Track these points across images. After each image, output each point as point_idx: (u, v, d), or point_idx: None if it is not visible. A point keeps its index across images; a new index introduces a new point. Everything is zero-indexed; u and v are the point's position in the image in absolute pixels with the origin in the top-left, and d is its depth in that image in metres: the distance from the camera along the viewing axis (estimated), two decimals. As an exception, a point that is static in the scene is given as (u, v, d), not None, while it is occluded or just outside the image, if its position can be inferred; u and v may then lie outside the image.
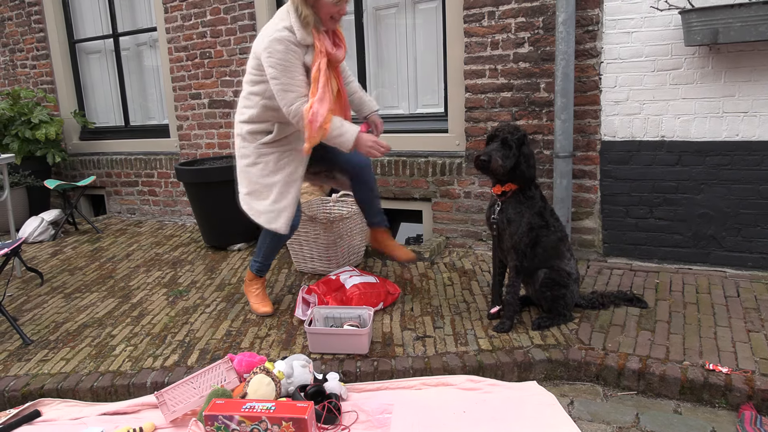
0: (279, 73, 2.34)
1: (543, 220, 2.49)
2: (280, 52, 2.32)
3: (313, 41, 2.38)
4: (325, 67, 2.39)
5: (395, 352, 2.43)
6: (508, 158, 2.42)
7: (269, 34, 2.36)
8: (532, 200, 2.49)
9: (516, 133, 2.44)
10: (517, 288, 2.55)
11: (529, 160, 2.44)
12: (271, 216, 2.56)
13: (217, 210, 3.97)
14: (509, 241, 2.50)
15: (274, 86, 2.37)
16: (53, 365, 2.55)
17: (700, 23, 2.72)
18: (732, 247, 3.06)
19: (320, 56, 2.37)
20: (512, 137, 2.43)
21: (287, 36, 2.33)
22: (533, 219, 2.47)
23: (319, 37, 2.39)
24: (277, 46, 2.32)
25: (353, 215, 3.45)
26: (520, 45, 3.34)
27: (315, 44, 2.38)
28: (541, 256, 2.53)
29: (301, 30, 2.34)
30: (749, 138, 2.93)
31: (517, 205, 2.48)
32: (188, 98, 4.71)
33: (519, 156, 2.43)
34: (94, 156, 5.37)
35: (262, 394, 2.03)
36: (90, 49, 5.43)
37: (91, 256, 4.15)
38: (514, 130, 2.45)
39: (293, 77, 2.35)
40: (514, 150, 2.42)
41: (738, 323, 2.49)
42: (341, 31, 2.57)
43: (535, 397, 2.14)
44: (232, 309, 3.01)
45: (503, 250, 2.60)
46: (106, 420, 2.13)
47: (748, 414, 1.98)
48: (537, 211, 2.48)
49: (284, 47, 2.32)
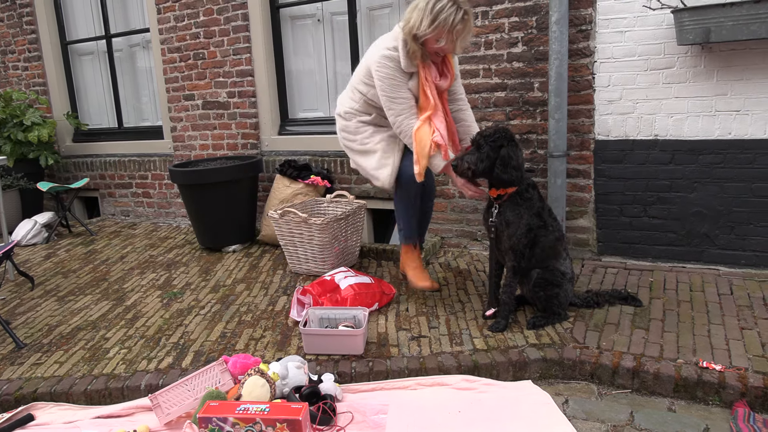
0: (387, 86, 2.52)
1: (541, 220, 2.50)
2: (389, 68, 2.50)
3: (417, 70, 2.52)
4: (436, 95, 2.54)
5: (390, 353, 2.42)
6: (481, 161, 2.40)
7: (381, 48, 2.52)
8: (529, 201, 2.48)
9: (492, 135, 2.41)
10: (513, 288, 2.55)
11: (505, 162, 2.39)
12: (376, 171, 2.68)
13: (211, 211, 3.96)
14: (507, 242, 2.50)
15: (381, 96, 2.54)
16: (46, 368, 2.53)
17: (692, 22, 2.74)
18: (725, 245, 3.07)
19: (427, 84, 2.52)
20: (486, 140, 2.41)
21: (396, 56, 2.49)
22: (532, 220, 2.47)
23: (423, 67, 2.51)
24: (388, 63, 2.50)
25: (348, 216, 3.45)
26: (513, 45, 3.34)
27: (419, 73, 2.52)
28: (539, 256, 2.53)
29: (406, 59, 2.49)
30: (741, 136, 2.95)
31: (515, 207, 2.48)
32: (182, 99, 4.69)
33: (496, 158, 2.40)
34: (88, 158, 5.34)
35: (257, 395, 2.02)
36: (82, 51, 5.41)
37: (84, 258, 4.13)
38: (491, 133, 2.42)
39: (399, 92, 2.54)
40: (487, 152, 2.40)
41: (731, 321, 2.50)
42: (452, 59, 2.63)
43: (530, 397, 2.14)
44: (226, 311, 3.00)
45: (501, 251, 2.60)
46: (100, 423, 2.13)
47: (741, 411, 1.99)
48: (535, 212, 2.48)
49: (394, 65, 2.50)
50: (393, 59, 2.49)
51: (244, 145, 4.50)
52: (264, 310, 2.97)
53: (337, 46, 4.22)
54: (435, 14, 2.35)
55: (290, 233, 3.43)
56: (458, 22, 2.36)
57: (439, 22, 2.35)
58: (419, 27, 2.38)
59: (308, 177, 3.93)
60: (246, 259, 3.86)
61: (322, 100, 4.37)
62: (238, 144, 4.53)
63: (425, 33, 2.39)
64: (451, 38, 2.41)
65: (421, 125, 2.53)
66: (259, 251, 4.04)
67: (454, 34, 2.40)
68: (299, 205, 3.67)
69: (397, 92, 2.52)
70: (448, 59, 2.62)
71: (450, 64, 2.63)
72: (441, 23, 2.35)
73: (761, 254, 3.00)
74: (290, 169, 3.99)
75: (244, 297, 3.18)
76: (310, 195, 3.91)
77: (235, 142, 4.54)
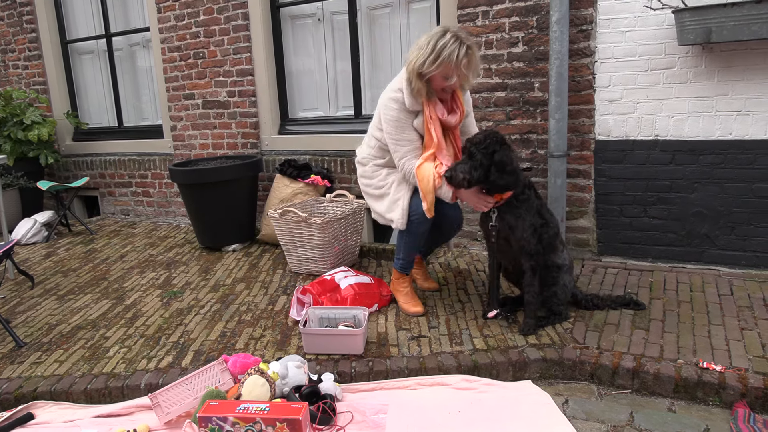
0: (392, 128, 2.56)
1: (542, 218, 2.50)
2: (394, 110, 2.54)
3: (422, 108, 2.52)
4: (440, 133, 2.53)
5: (390, 353, 2.42)
6: (476, 169, 2.36)
7: (388, 92, 2.57)
8: (527, 202, 2.47)
9: (483, 142, 2.38)
10: (536, 287, 2.52)
11: (501, 167, 2.36)
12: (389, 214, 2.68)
13: (211, 211, 3.96)
14: (516, 245, 2.49)
15: (387, 139, 2.60)
16: (46, 367, 2.53)
17: (693, 22, 2.73)
18: (725, 246, 3.07)
19: (431, 122, 2.52)
20: (478, 147, 2.37)
21: (400, 97, 2.53)
22: (534, 220, 2.46)
23: (428, 104, 2.52)
24: (392, 105, 2.54)
25: (347, 215, 3.45)
26: (514, 44, 3.34)
27: (424, 111, 2.52)
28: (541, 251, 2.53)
29: (410, 98, 2.51)
30: (742, 137, 2.94)
31: (514, 209, 2.46)
32: (182, 99, 4.69)
33: (490, 165, 2.37)
34: (88, 157, 5.34)
35: (257, 395, 2.02)
36: (83, 50, 5.40)
37: (84, 257, 4.13)
38: (481, 139, 2.39)
39: (403, 134, 2.56)
40: (480, 160, 2.36)
41: (731, 321, 2.50)
42: (461, 95, 2.62)
43: (530, 397, 2.14)
44: (226, 310, 3.00)
45: (505, 254, 2.60)
46: (100, 422, 2.13)
47: (741, 412, 1.98)
48: (536, 212, 2.48)
49: (398, 106, 2.53)
50: (398, 101, 2.53)
51: (244, 145, 4.50)
52: (264, 310, 2.97)
53: (337, 45, 4.21)
54: (438, 51, 2.36)
55: (290, 233, 3.43)
56: (463, 56, 2.37)
57: (443, 59, 2.36)
58: (423, 65, 2.40)
59: (308, 176, 3.93)
60: (246, 259, 3.86)
61: (322, 100, 4.37)
62: (238, 143, 4.53)
63: (430, 70, 2.40)
64: (459, 73, 2.42)
65: (422, 162, 2.54)
66: (259, 251, 4.04)
67: (461, 69, 2.40)
68: (299, 204, 3.66)
69: (401, 134, 2.56)
70: (457, 95, 2.61)
71: (459, 99, 2.62)
72: (445, 59, 2.36)
73: (761, 255, 3.00)
74: (290, 169, 3.98)
75: (243, 296, 3.18)
76: (310, 194, 3.91)
77: (235, 141, 4.53)
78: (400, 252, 2.79)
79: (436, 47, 2.36)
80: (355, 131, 4.08)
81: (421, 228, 2.65)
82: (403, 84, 2.52)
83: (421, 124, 2.56)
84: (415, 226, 2.63)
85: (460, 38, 2.38)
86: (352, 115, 4.23)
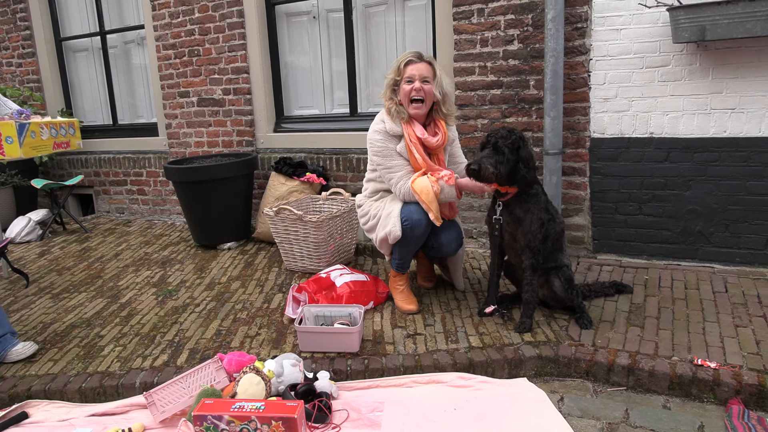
0: (381, 159, 2.71)
1: (549, 213, 2.50)
2: (380, 141, 2.70)
3: (402, 131, 2.68)
4: (422, 153, 2.66)
5: (386, 350, 2.42)
6: (502, 164, 2.39)
7: (370, 131, 2.75)
8: (536, 197, 2.48)
9: (509, 137, 2.41)
10: (535, 286, 2.53)
11: (528, 163, 2.42)
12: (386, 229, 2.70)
13: (206, 209, 3.95)
14: (522, 240, 2.49)
15: (380, 170, 2.74)
16: (41, 366, 2.52)
17: (687, 20, 2.74)
18: (720, 243, 3.08)
19: (411, 144, 2.65)
20: (504, 142, 2.40)
21: (382, 128, 2.71)
22: (542, 215, 2.47)
23: (408, 126, 2.68)
24: (376, 136, 2.71)
25: (343, 213, 3.45)
26: (509, 42, 3.34)
27: (404, 133, 2.67)
28: (549, 249, 2.54)
29: (390, 123, 2.69)
30: (737, 134, 2.95)
31: (523, 203, 2.47)
32: (177, 96, 4.67)
33: (517, 160, 2.41)
34: (82, 155, 5.31)
35: (252, 393, 2.02)
36: (77, 47, 5.38)
37: (79, 256, 4.11)
38: (507, 134, 2.42)
39: (393, 160, 2.69)
40: (507, 155, 2.39)
41: (726, 318, 2.51)
42: (444, 123, 2.75)
43: (525, 394, 2.15)
44: (222, 308, 2.99)
45: (510, 249, 2.60)
46: (94, 421, 2.12)
47: (735, 408, 1.99)
48: (543, 207, 2.49)
49: (382, 137, 2.70)
50: (381, 131, 2.70)
51: (240, 143, 4.49)
52: (259, 308, 2.97)
53: (332, 43, 4.21)
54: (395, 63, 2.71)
55: (285, 231, 3.42)
56: (408, 55, 2.65)
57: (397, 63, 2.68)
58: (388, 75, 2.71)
59: (304, 174, 3.93)
60: (241, 257, 3.85)
61: (317, 98, 4.36)
62: (233, 141, 4.51)
63: (392, 79, 2.68)
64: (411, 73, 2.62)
65: (416, 178, 2.64)
66: (254, 249, 4.03)
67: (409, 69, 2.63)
68: (294, 202, 3.66)
69: (391, 160, 2.69)
70: (438, 122, 2.73)
71: (442, 125, 2.73)
72: (397, 63, 2.68)
73: (756, 252, 3.02)
74: (286, 167, 3.98)
75: (239, 294, 3.17)
76: (305, 192, 3.90)
77: (231, 139, 4.52)
78: (397, 253, 2.80)
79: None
80: (351, 129, 4.07)
81: (416, 232, 2.66)
82: (383, 115, 2.73)
83: (404, 147, 2.67)
84: (408, 230, 2.65)
85: (412, 51, 2.70)
86: (347, 113, 4.22)
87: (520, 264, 2.57)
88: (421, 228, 2.66)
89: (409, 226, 2.64)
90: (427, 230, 2.71)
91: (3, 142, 3.36)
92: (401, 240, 2.68)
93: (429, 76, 2.63)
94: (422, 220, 2.64)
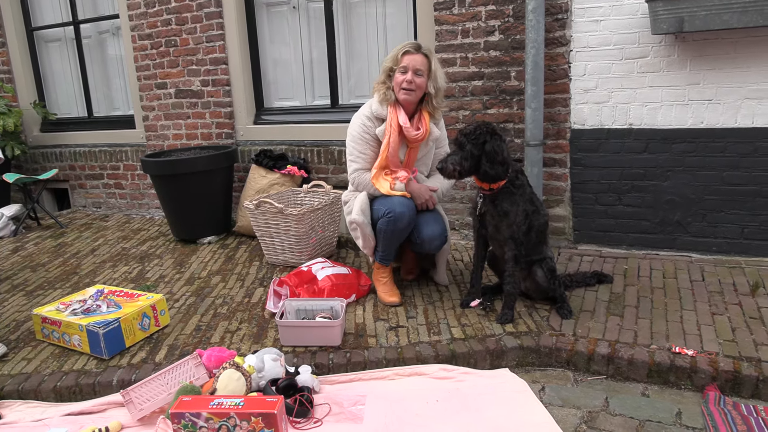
0: (351, 142, 2.77)
1: (533, 205, 2.51)
2: (360, 126, 2.74)
3: (387, 115, 2.69)
4: (395, 141, 2.68)
5: (368, 343, 2.41)
6: (466, 160, 2.39)
7: (356, 115, 2.78)
8: (522, 188, 2.48)
9: (474, 132, 2.41)
10: (517, 277, 2.53)
11: (493, 157, 2.38)
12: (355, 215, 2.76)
13: (185, 202, 3.88)
14: (507, 231, 2.48)
15: (348, 152, 2.79)
16: (14, 365, 2.45)
17: (666, 12, 2.75)
18: (697, 233, 3.13)
19: (389, 129, 2.68)
20: (468, 138, 2.40)
21: (365, 112, 2.75)
22: (527, 206, 2.47)
23: (394, 109, 2.70)
24: (357, 121, 2.76)
25: (324, 206, 3.42)
26: (490, 33, 3.33)
27: (389, 116, 2.69)
28: (533, 241, 2.54)
29: (376, 103, 2.73)
30: (713, 125, 2.99)
31: (510, 195, 2.46)
32: (154, 88, 4.58)
33: (481, 155, 2.40)
34: (56, 148, 5.19)
35: (232, 389, 1.99)
36: (49, 37, 5.23)
37: (54, 251, 4.02)
38: (471, 130, 2.42)
39: (362, 150, 2.75)
40: (470, 151, 2.39)
41: (703, 306, 2.54)
42: (428, 118, 2.76)
43: (506, 384, 2.16)
44: (201, 303, 2.95)
45: (497, 242, 2.60)
46: (70, 420, 2.07)
47: (712, 395, 2.03)
48: (528, 198, 2.49)
49: (360, 122, 2.75)
50: (360, 116, 2.75)
51: (219, 135, 4.41)
52: (240, 302, 2.93)
53: (313, 34, 4.15)
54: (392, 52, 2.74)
55: (266, 224, 3.38)
56: (407, 45, 2.66)
57: (394, 52, 2.70)
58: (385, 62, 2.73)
59: (284, 167, 3.88)
60: (222, 251, 3.80)
61: (298, 89, 4.31)
62: (212, 133, 4.44)
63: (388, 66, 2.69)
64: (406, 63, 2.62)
65: (377, 174, 2.71)
66: (235, 242, 3.98)
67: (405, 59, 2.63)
68: (275, 195, 3.61)
69: (361, 149, 2.74)
70: (423, 117, 2.73)
71: (426, 121, 2.73)
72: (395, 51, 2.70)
73: (732, 241, 3.06)
74: (266, 159, 3.93)
75: (219, 289, 3.13)
76: (286, 185, 3.86)
77: (210, 131, 4.45)
78: (381, 245, 2.78)
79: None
80: (332, 121, 4.03)
81: (399, 225, 2.66)
82: (371, 100, 2.76)
83: (383, 130, 2.69)
84: (391, 223, 2.64)
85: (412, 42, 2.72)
86: (328, 105, 4.18)
87: (504, 255, 2.57)
88: (404, 221, 2.65)
89: (393, 218, 2.63)
90: (410, 223, 2.69)
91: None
92: (384, 229, 2.67)
93: (423, 69, 2.63)
94: (405, 213, 2.63)
